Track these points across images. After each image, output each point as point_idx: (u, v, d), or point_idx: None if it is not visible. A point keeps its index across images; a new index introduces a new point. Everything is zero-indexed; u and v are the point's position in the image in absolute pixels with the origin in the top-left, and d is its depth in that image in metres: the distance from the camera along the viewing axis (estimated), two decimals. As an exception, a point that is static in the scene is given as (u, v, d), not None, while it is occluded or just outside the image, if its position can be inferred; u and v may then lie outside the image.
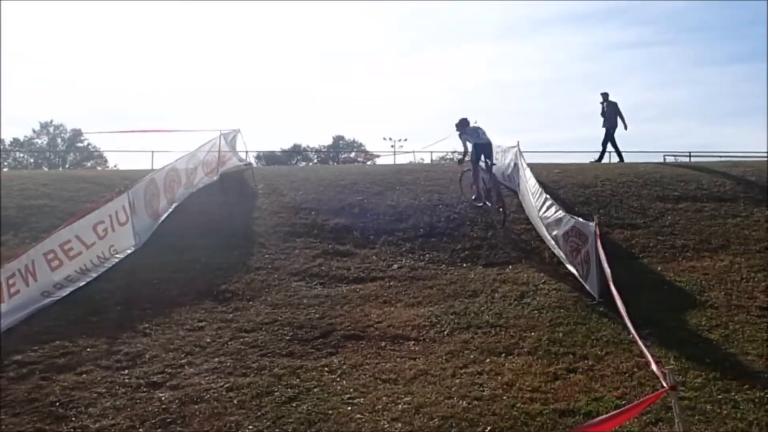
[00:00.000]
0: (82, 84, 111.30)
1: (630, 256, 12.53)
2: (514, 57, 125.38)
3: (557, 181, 16.53)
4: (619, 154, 21.02)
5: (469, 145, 14.89)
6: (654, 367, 5.65)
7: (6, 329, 9.98)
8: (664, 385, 5.10)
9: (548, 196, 12.92)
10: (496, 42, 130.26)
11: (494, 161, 14.99)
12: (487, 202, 14.61)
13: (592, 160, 21.11)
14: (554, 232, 12.11)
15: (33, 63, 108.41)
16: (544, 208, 12.75)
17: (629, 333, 9.13)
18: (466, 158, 15.44)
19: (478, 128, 15.13)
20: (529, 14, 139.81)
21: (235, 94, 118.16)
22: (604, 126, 20.57)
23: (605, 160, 21.23)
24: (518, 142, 15.87)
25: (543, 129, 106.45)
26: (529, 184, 14.03)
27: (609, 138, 20.54)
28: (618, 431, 6.62)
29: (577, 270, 11.29)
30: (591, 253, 10.53)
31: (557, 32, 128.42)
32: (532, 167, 14.99)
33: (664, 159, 29.53)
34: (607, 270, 8.76)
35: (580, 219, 11.36)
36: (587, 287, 10.82)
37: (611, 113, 20.42)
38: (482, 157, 14.60)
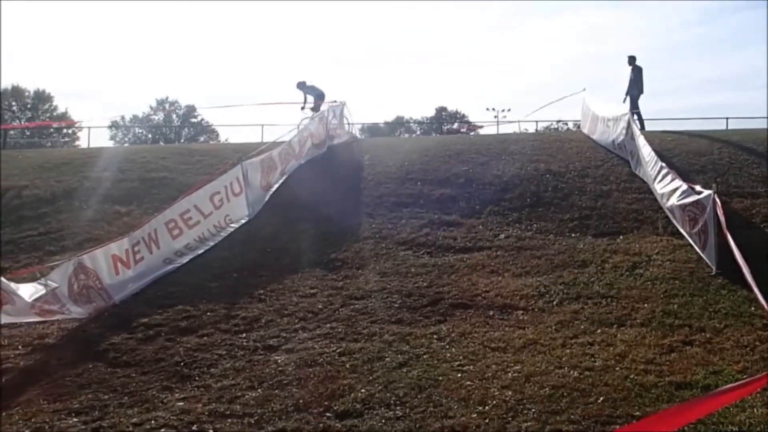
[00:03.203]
0: (194, 68, 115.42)
1: (750, 225, 11.96)
2: (616, 25, 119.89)
3: (671, 149, 15.89)
4: (641, 120, 19.55)
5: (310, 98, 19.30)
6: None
7: (133, 294, 10.64)
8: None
9: (664, 165, 12.48)
10: (599, 11, 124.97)
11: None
12: None
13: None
14: (670, 202, 11.71)
15: (152, 50, 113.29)
16: (659, 177, 12.34)
17: (750, 305, 8.83)
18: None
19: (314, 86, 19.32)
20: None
21: (339, 68, 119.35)
22: (628, 93, 19.39)
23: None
24: (630, 110, 15.36)
25: (649, 98, 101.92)
26: (644, 153, 13.57)
27: (633, 104, 19.25)
28: (740, 406, 6.42)
29: (694, 240, 10.89)
30: (709, 222, 10.13)
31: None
32: (645, 135, 14.48)
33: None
34: (731, 241, 8.39)
35: (698, 187, 10.93)
36: (705, 258, 10.43)
37: (637, 79, 19.33)
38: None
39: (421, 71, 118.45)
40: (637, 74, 19.47)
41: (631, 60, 19.55)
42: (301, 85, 19.26)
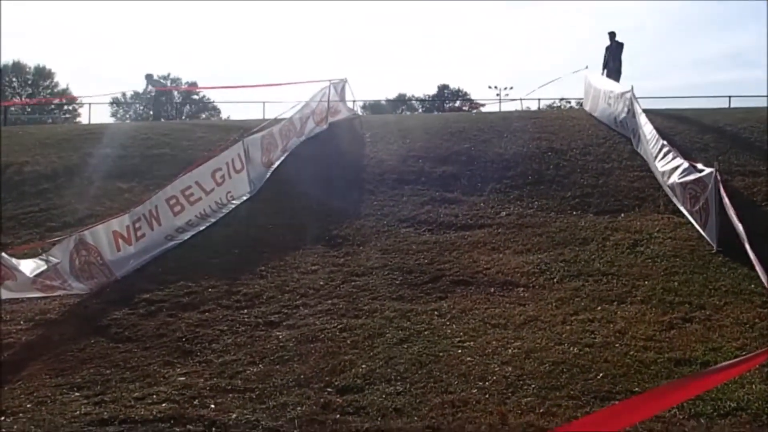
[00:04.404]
0: (198, 44, 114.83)
1: (752, 204, 11.95)
2: (622, 7, 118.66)
3: (673, 127, 15.83)
4: None
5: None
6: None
7: (135, 270, 10.67)
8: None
9: (665, 143, 12.44)
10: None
11: None
12: None
13: None
14: (671, 180, 11.69)
15: (151, 26, 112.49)
16: (660, 155, 12.31)
17: (750, 283, 8.85)
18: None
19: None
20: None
21: (342, 45, 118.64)
22: (606, 67, 19.40)
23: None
24: (632, 87, 15.29)
25: (654, 77, 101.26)
26: (645, 131, 13.53)
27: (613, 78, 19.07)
28: (739, 382, 6.45)
29: (694, 218, 10.89)
30: (710, 201, 10.12)
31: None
32: (646, 113, 14.41)
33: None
34: (735, 219, 8.37)
35: (699, 165, 10.90)
36: (705, 236, 10.44)
37: (617, 54, 19.36)
38: None
39: (424, 49, 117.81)
40: (616, 49, 19.49)
41: (612, 36, 19.56)
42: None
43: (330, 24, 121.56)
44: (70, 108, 51.26)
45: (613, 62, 19.39)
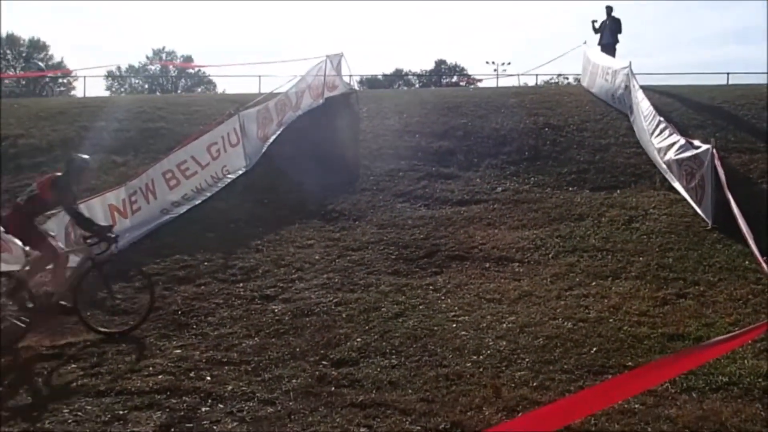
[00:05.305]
0: (193, 16, 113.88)
1: (748, 181, 11.97)
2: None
3: (670, 103, 15.80)
4: None
5: None
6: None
7: (131, 243, 10.66)
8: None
9: (662, 119, 12.42)
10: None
11: None
12: None
13: None
14: (667, 156, 11.68)
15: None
16: (657, 132, 12.29)
17: (744, 260, 8.89)
18: None
19: None
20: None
21: (339, 19, 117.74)
22: (601, 42, 19.36)
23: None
24: (630, 63, 15.23)
25: (653, 54, 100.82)
26: (642, 107, 13.50)
27: (609, 53, 19.06)
28: (731, 357, 6.50)
29: (690, 195, 10.90)
30: (706, 177, 10.13)
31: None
32: (644, 89, 14.37)
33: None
34: (729, 194, 8.38)
35: (696, 142, 10.89)
36: (700, 213, 10.46)
37: (614, 30, 19.28)
38: None
39: (421, 24, 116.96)
40: (612, 24, 19.38)
41: (609, 10, 19.43)
42: None
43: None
44: (65, 81, 50.96)
45: (608, 37, 19.31)
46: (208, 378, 6.68)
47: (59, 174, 8.20)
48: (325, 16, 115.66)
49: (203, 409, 6.08)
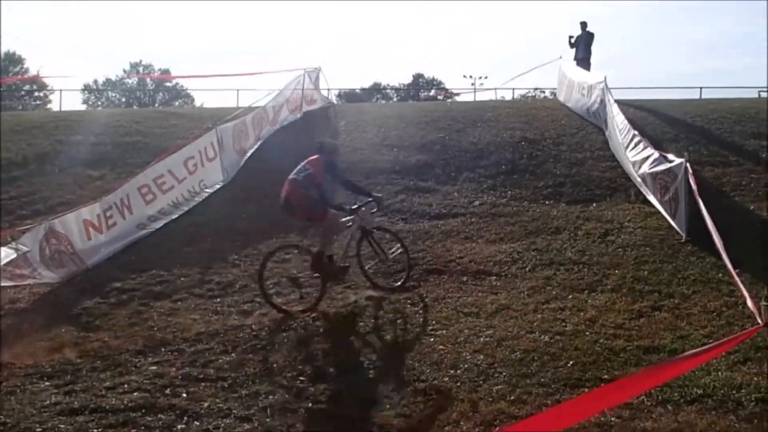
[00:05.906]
0: (174, 26, 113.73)
1: (720, 194, 12.12)
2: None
3: (644, 117, 16.02)
4: None
5: None
6: (750, 302, 5.41)
7: (106, 259, 10.57)
8: (759, 321, 4.94)
9: (636, 133, 12.56)
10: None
11: None
12: None
13: None
14: (641, 170, 11.81)
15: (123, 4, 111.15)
16: (631, 145, 12.42)
17: (718, 272, 8.99)
18: None
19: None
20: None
21: (315, 34, 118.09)
22: (576, 57, 19.73)
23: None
24: (605, 77, 15.43)
25: (625, 67, 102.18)
26: (617, 121, 13.64)
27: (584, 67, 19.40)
28: (705, 369, 6.57)
29: (664, 208, 11.03)
30: (680, 191, 10.25)
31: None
32: (619, 104, 14.54)
33: (759, 94, 27.84)
34: (703, 207, 8.46)
35: (670, 156, 11.03)
36: (675, 225, 10.58)
37: (588, 44, 19.64)
38: None
39: (399, 37, 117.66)
40: (588, 38, 19.73)
41: (583, 25, 19.79)
42: None
43: (305, 11, 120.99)
44: (41, 95, 50.48)
45: (583, 51, 19.58)
46: (184, 395, 6.63)
47: (318, 156, 9.21)
48: (302, 30, 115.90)
49: (179, 427, 6.03)
